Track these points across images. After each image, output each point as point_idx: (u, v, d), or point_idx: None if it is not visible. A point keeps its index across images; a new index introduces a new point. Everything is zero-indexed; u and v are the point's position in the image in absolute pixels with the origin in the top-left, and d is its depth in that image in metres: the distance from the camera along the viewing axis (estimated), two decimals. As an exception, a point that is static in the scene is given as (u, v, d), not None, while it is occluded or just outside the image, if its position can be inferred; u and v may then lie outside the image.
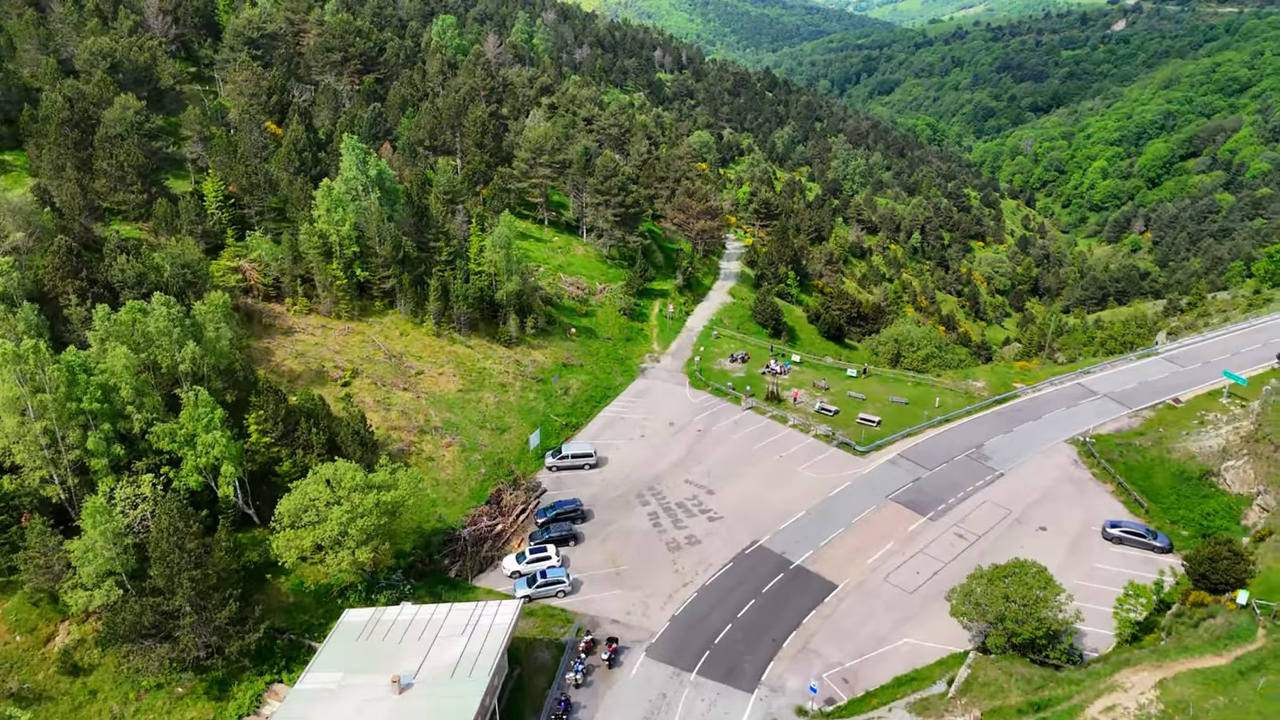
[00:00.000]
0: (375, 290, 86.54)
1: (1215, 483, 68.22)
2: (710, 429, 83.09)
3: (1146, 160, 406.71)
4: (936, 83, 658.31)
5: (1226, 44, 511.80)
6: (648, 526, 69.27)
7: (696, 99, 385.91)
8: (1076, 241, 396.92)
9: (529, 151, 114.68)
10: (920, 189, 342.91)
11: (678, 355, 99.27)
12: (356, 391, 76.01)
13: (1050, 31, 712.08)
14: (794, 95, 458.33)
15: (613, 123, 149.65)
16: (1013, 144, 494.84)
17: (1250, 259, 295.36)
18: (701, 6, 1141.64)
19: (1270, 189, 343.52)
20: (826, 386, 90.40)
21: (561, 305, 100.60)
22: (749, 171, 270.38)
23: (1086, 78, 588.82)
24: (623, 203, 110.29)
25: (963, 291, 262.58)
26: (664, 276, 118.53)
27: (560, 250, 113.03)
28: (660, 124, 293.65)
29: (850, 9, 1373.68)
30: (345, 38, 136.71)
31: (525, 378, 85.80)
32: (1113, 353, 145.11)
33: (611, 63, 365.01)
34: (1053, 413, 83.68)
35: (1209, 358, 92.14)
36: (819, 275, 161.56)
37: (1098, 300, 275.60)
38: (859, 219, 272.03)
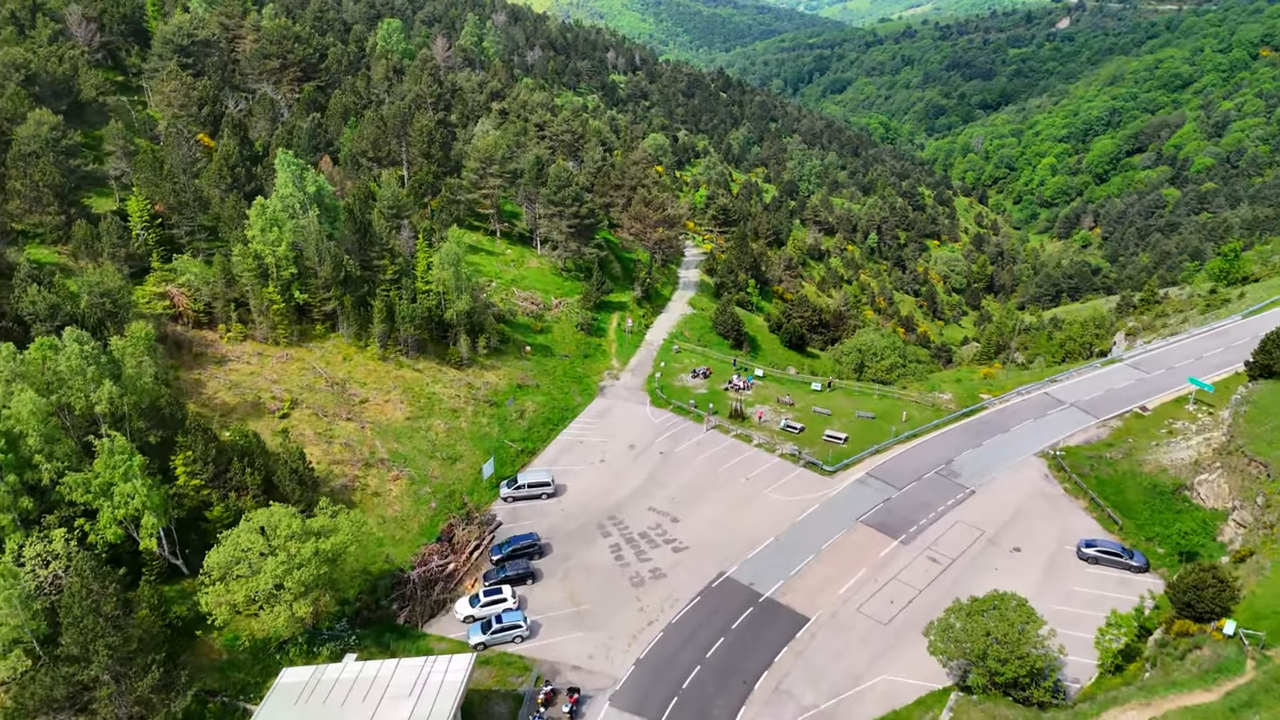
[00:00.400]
0: (316, 313, 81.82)
1: (1188, 497, 66.74)
2: (673, 451, 79.86)
3: (1094, 157, 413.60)
4: (888, 81, 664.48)
5: (1168, 41, 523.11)
6: (610, 560, 65.79)
7: (651, 100, 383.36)
8: (1028, 238, 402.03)
9: (478, 161, 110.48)
10: (875, 188, 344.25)
11: (638, 372, 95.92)
12: (296, 424, 71.35)
13: (997, 30, 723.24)
14: (748, 95, 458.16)
15: (566, 129, 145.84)
16: (964, 142, 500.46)
17: (1198, 253, 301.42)
18: (654, 7, 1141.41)
19: (1214, 183, 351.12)
20: (791, 402, 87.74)
21: (515, 322, 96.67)
22: (705, 174, 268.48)
23: (1033, 75, 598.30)
24: (577, 214, 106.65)
25: (920, 291, 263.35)
26: (622, 288, 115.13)
27: (513, 263, 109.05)
28: (615, 127, 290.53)
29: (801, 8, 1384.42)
30: (283, 44, 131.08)
31: (478, 401, 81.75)
32: (1072, 354, 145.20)
33: (564, 65, 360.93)
34: (1021, 424, 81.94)
35: (1172, 363, 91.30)
36: (779, 281, 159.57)
37: (1051, 297, 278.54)
38: (816, 220, 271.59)
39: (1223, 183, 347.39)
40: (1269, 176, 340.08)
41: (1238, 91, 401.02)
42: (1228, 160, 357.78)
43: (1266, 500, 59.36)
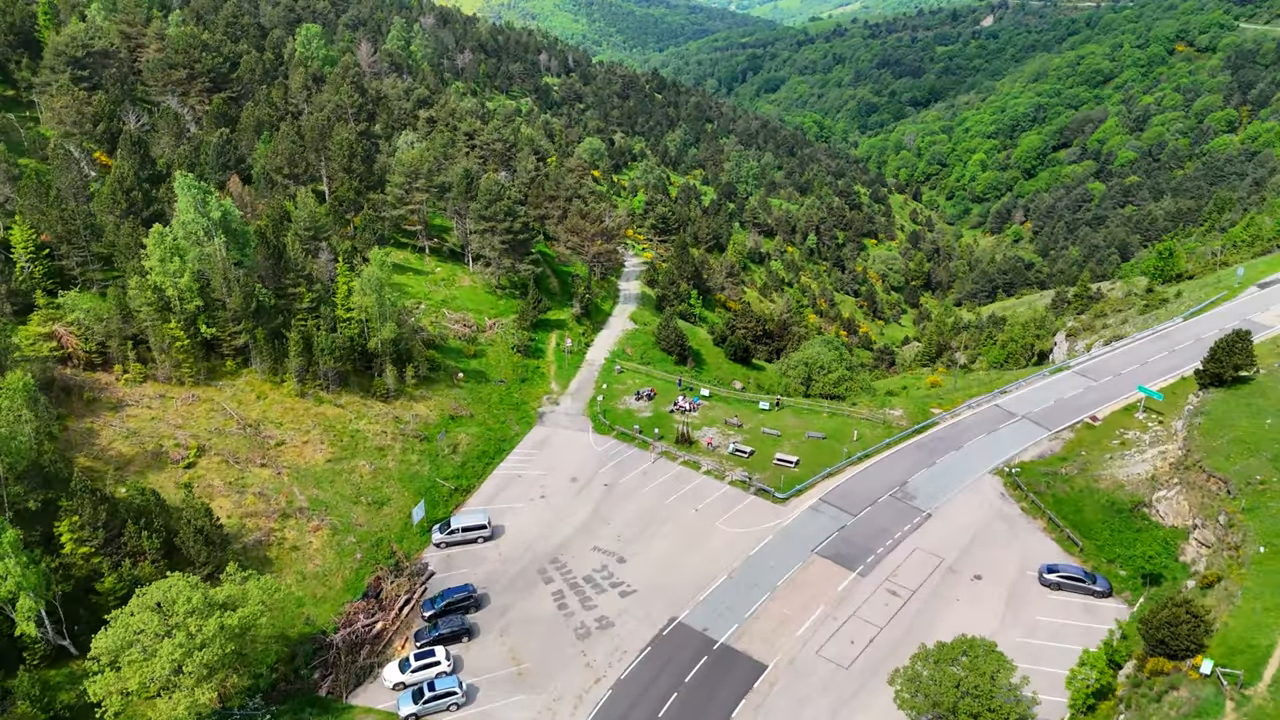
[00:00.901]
0: (225, 348, 75.35)
1: (1147, 514, 64.98)
2: (618, 482, 75.57)
3: (1022, 152, 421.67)
4: (820, 80, 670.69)
5: (1088, 37, 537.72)
6: (553, 610, 61.22)
7: (586, 103, 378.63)
8: (962, 233, 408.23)
9: (404, 175, 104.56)
10: (812, 188, 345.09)
11: (579, 395, 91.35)
12: (203, 474, 65.11)
13: (924, 28, 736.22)
14: (683, 96, 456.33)
15: (497, 137, 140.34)
16: (896, 139, 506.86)
17: (1125, 245, 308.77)
18: (586, 7, 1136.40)
19: (1138, 177, 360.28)
20: (740, 424, 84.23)
21: (447, 347, 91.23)
22: (643, 178, 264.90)
23: (961, 72, 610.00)
24: (510, 229, 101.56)
25: (860, 291, 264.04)
26: (560, 305, 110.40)
27: (444, 283, 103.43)
28: (550, 132, 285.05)
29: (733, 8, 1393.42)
30: (190, 52, 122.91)
31: (406, 437, 76.28)
32: (1014, 354, 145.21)
33: (496, 68, 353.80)
34: (974, 440, 79.75)
35: (1119, 369, 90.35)
36: (721, 289, 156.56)
37: (988, 293, 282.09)
38: (755, 223, 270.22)
39: (1146, 176, 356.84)
40: (1189, 169, 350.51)
41: (1157, 86, 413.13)
42: (1149, 153, 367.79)
43: (1229, 519, 57.65)
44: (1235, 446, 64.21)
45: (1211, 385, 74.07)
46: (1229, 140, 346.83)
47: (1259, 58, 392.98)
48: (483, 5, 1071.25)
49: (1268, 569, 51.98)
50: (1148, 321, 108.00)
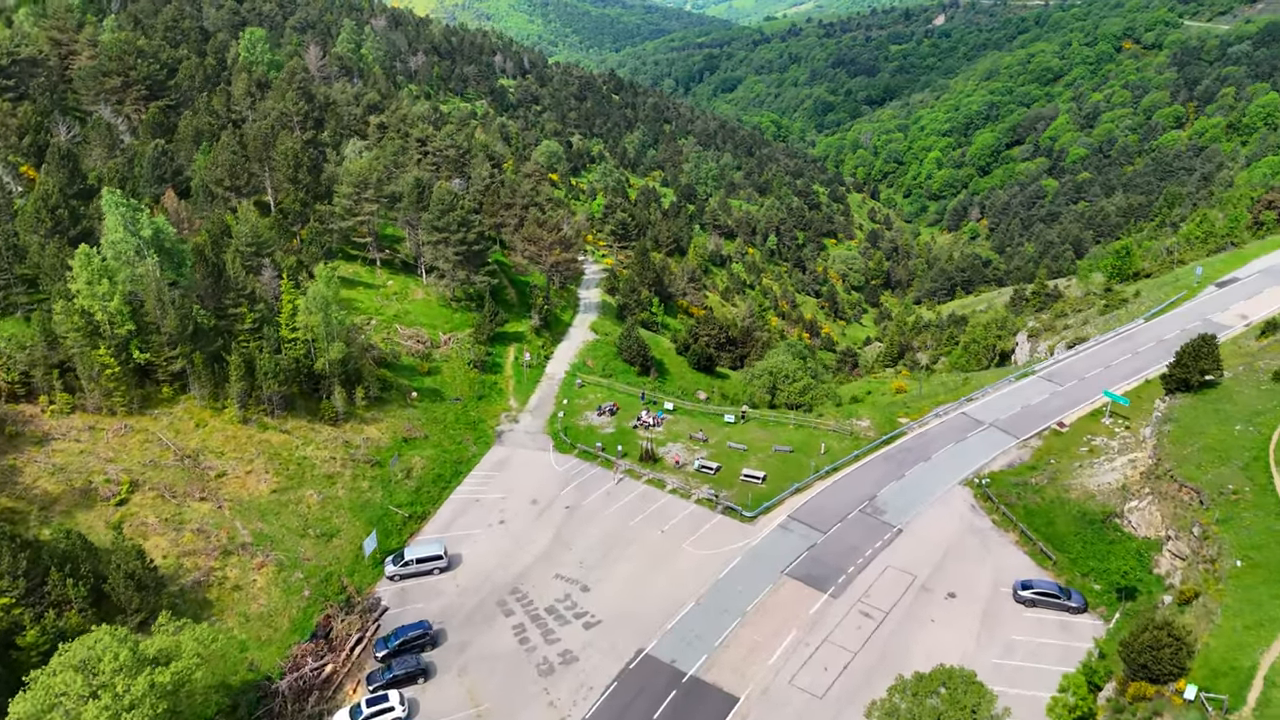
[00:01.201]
0: (161, 374, 71.16)
1: (1119, 525, 63.94)
2: (580, 504, 72.83)
3: (976, 150, 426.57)
4: (776, 79, 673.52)
5: (1037, 36, 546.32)
6: (513, 645, 58.31)
7: (543, 105, 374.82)
8: (920, 231, 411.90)
9: (352, 186, 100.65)
10: (772, 188, 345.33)
11: (539, 412, 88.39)
12: (136, 510, 61.09)
13: (878, 27, 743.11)
14: (641, 97, 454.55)
15: (449, 144, 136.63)
16: (853, 137, 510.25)
17: (1079, 241, 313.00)
18: (541, 7, 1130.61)
19: (1089, 173, 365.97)
20: (705, 438, 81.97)
21: (399, 365, 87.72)
22: (602, 181, 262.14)
23: (915, 71, 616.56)
24: (464, 240, 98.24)
25: (821, 291, 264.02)
26: (518, 317, 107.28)
27: (396, 296, 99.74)
28: (506, 135, 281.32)
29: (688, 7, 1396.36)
30: (125, 59, 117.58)
31: (357, 463, 72.79)
32: (976, 355, 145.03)
33: (450, 70, 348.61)
34: (942, 450, 78.38)
35: (1083, 373, 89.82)
36: (683, 294, 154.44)
37: (947, 291, 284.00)
38: (716, 225, 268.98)
39: (1097, 172, 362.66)
40: (1139, 165, 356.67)
41: (1106, 84, 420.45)
42: (1100, 150, 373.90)
43: (1203, 531, 56.68)
44: (1206, 455, 63.45)
45: (1178, 390, 73.49)
46: (1177, 136, 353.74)
47: (1203, 54, 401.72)
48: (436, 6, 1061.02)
49: (1245, 584, 50.95)
50: (1109, 323, 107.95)
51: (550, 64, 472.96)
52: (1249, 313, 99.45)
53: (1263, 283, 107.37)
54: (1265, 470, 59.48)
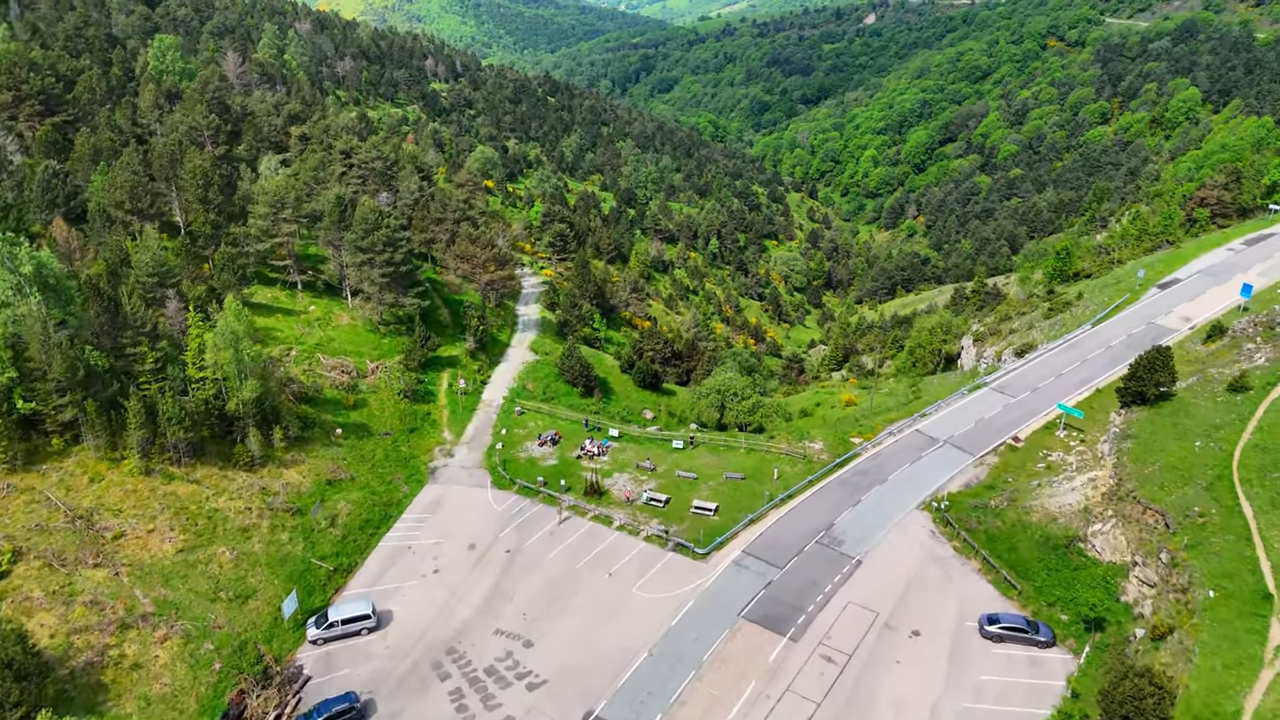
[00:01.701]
0: (49, 425, 64.21)
1: (1083, 549, 61.66)
2: (522, 547, 68.03)
3: (911, 147, 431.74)
4: (712, 79, 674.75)
5: (965, 34, 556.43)
6: (450, 713, 53.30)
7: (476, 109, 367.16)
8: (858, 229, 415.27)
9: (268, 205, 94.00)
10: (712, 190, 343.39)
11: (475, 444, 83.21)
12: (19, 584, 54.39)
13: (811, 26, 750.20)
14: (577, 99, 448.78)
15: (376, 155, 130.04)
16: (790, 137, 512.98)
17: (1014, 237, 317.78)
18: (474, 9, 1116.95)
19: (1020, 169, 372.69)
20: (653, 467, 77.82)
21: (322, 399, 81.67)
22: (539, 187, 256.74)
23: (848, 70, 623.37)
24: (391, 260, 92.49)
25: (764, 294, 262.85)
26: (452, 339, 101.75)
27: (319, 323, 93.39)
28: (439, 141, 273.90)
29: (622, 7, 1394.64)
30: (15, 72, 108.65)
31: (276, 512, 66.82)
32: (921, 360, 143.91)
33: (379, 75, 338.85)
34: (898, 471, 75.56)
35: (1034, 383, 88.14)
36: (626, 305, 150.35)
37: (887, 290, 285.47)
38: (657, 229, 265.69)
39: (1028, 168, 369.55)
40: (1068, 160, 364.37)
41: (1033, 81, 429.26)
42: (1030, 146, 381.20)
43: (1172, 558, 54.49)
44: (1168, 474, 61.54)
45: (1134, 403, 71.83)
46: (1103, 132, 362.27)
47: (1125, 51, 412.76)
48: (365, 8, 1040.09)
49: (1220, 617, 48.70)
50: (1055, 329, 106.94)
51: (484, 67, 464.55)
52: (1192, 315, 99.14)
53: (1203, 284, 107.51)
54: (1230, 490, 57.66)
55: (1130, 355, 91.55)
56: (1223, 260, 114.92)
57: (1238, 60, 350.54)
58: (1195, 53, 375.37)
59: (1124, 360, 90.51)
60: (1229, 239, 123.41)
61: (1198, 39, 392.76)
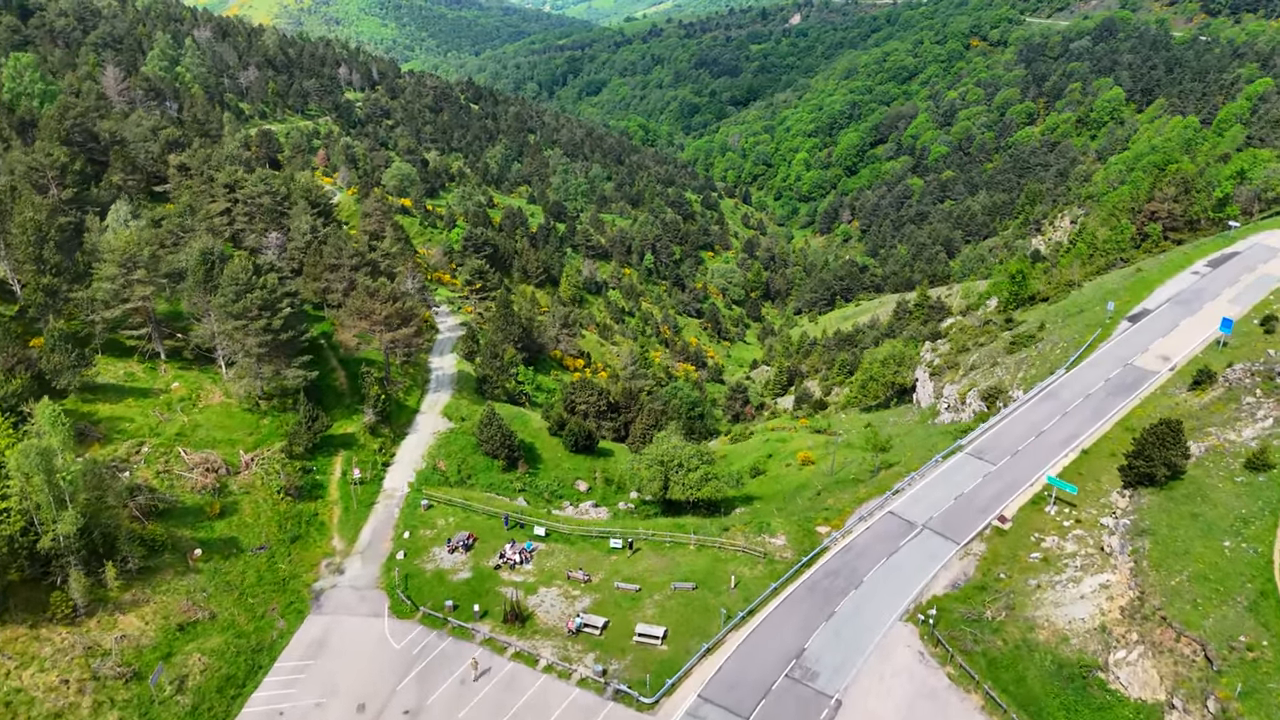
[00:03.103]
0: None
1: (1105, 681, 51.32)
2: (425, 704, 54.75)
3: (842, 150, 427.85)
4: (641, 81, 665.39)
5: (890, 34, 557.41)
6: None
7: (394, 119, 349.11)
8: (793, 234, 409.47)
9: (116, 265, 78.49)
10: (644, 200, 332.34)
11: (372, 552, 69.48)
12: None
13: (737, 27, 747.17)
14: (502, 106, 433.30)
15: (264, 189, 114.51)
16: (721, 140, 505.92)
17: (949, 241, 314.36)
18: (395, 11, 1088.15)
19: (952, 171, 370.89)
20: (587, 578, 65.30)
21: (180, 509, 66.97)
22: (461, 204, 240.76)
23: (776, 70, 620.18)
24: (269, 326, 77.98)
25: (702, 310, 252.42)
26: (349, 410, 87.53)
27: (183, 404, 78.25)
28: (351, 156, 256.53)
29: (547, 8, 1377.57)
30: None
31: (103, 681, 52.27)
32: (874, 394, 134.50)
33: (287, 85, 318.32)
34: (874, 570, 64.54)
35: (1014, 444, 78.43)
36: (555, 342, 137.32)
37: (827, 301, 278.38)
38: (588, 246, 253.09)
39: (959, 170, 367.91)
40: (998, 161, 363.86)
41: (959, 81, 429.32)
42: (960, 147, 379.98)
43: (1223, 709, 44.30)
44: (1199, 586, 51.68)
45: (1140, 484, 62.10)
46: (1030, 132, 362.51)
47: (1047, 50, 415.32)
48: (279, 12, 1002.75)
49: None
50: (1023, 369, 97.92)
51: (404, 73, 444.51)
52: (1170, 353, 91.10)
53: (1174, 315, 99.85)
54: (1277, 612, 47.92)
55: (1113, 404, 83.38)
56: (1190, 286, 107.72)
57: (1158, 59, 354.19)
58: (1116, 52, 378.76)
59: (1107, 412, 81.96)
60: (1192, 260, 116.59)
61: (1117, 38, 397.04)
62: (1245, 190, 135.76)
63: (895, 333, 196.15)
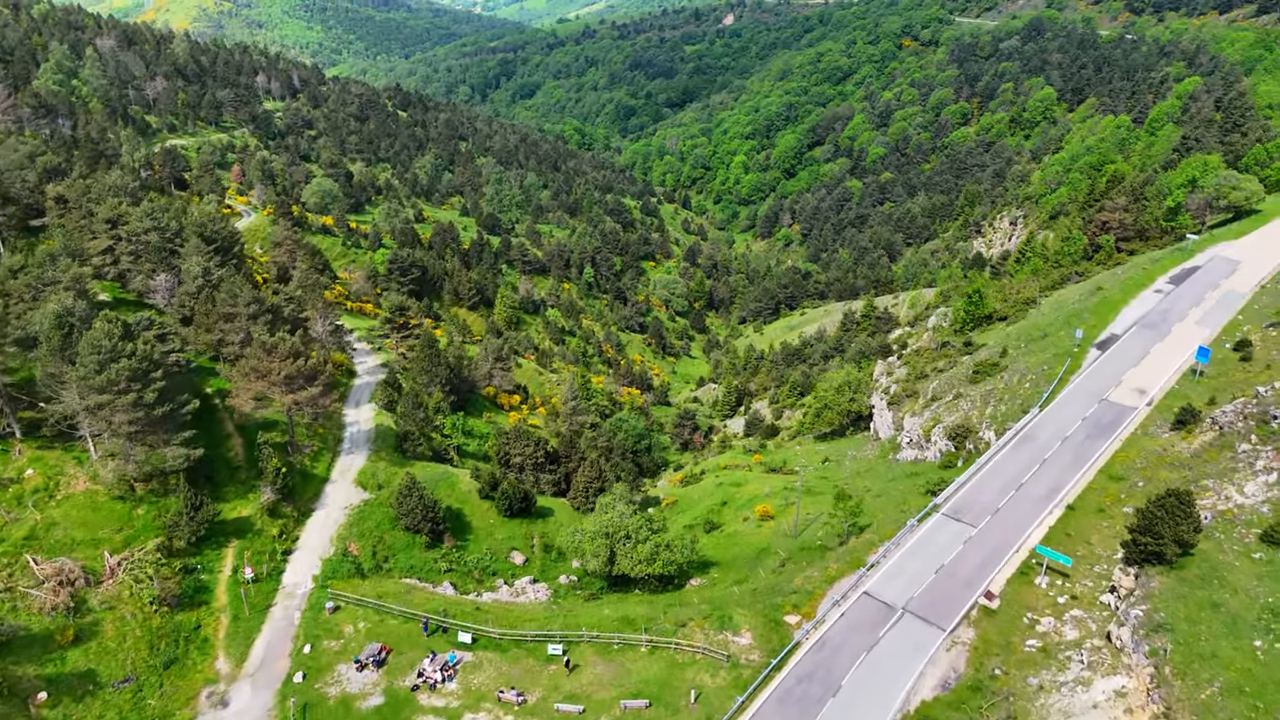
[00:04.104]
0: None
1: (1133, 819, 43.71)
2: None
3: (780, 152, 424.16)
4: (575, 83, 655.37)
5: (823, 34, 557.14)
6: None
7: (317, 129, 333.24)
8: (734, 239, 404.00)
9: (-49, 332, 66.06)
10: (582, 209, 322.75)
11: (265, 675, 58.66)
12: None
13: (671, 28, 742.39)
14: (432, 113, 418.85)
15: (153, 224, 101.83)
16: (659, 143, 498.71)
17: (890, 244, 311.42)
18: (320, 14, 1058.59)
19: (890, 173, 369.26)
20: (521, 698, 55.61)
21: (23, 638, 55.28)
22: (387, 221, 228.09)
23: (711, 71, 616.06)
24: (141, 400, 66.43)
25: (646, 324, 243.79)
26: (243, 488, 76.09)
27: (37, 497, 66.20)
28: (269, 172, 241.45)
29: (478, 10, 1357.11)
30: None
31: None
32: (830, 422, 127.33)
33: (199, 96, 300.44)
34: (852, 670, 56.30)
35: (993, 501, 71.20)
36: (488, 379, 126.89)
37: (771, 310, 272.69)
38: (524, 260, 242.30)
39: (898, 172, 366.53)
40: (935, 162, 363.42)
41: (894, 82, 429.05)
42: (897, 149, 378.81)
43: None
44: (1233, 700, 44.46)
45: (1148, 562, 54.98)
46: (966, 133, 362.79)
47: (978, 50, 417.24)
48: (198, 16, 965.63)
49: None
50: (990, 403, 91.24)
51: (329, 79, 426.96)
52: (1146, 385, 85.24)
53: (1143, 340, 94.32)
54: (1331, 737, 40.93)
55: (1093, 447, 76.86)
56: (1155, 306, 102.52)
57: (1087, 58, 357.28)
58: (1045, 51, 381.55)
59: (1088, 457, 75.40)
60: (1153, 277, 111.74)
61: (1045, 37, 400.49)
62: (1197, 199, 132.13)
63: (844, 346, 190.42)
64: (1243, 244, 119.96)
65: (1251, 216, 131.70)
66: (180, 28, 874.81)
